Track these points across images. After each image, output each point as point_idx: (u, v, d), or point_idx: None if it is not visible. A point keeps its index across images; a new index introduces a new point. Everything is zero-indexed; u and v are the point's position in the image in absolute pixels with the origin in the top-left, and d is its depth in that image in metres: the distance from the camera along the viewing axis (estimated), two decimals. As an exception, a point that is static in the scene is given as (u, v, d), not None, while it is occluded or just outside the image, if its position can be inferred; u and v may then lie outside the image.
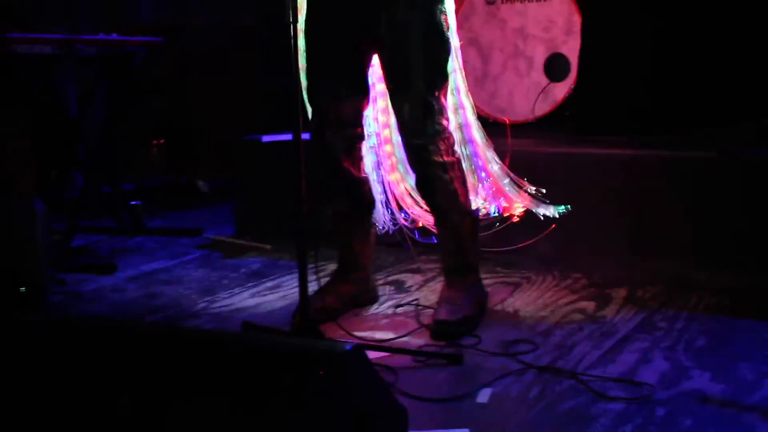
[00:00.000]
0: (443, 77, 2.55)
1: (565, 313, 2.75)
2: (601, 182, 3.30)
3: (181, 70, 5.09)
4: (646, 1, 3.89)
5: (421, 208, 2.86)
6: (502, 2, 4.25)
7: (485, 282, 2.86)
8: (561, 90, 4.14)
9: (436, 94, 2.53)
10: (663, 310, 2.73)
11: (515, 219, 2.83)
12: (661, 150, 3.34)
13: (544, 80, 4.18)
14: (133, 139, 4.99)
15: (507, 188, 2.78)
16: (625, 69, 3.85)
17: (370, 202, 2.80)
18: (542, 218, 2.86)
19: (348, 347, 1.45)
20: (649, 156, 3.30)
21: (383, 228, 2.89)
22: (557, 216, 2.85)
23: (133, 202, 4.15)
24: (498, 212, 2.80)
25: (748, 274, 2.93)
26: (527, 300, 2.91)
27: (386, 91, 2.62)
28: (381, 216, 2.87)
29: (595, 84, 3.92)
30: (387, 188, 2.87)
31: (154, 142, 5.10)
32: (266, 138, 4.10)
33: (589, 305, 2.82)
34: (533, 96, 4.17)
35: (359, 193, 2.75)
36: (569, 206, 2.84)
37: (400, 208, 2.88)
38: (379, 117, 2.76)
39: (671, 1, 3.85)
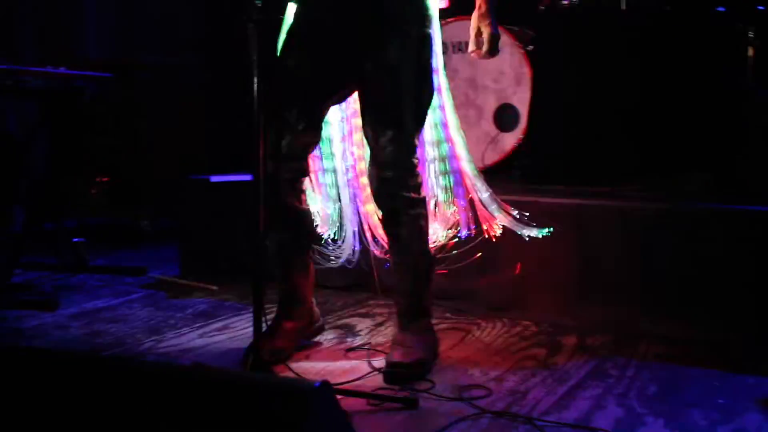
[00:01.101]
0: (421, 118, 2.59)
1: (517, 359, 2.76)
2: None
3: (127, 108, 5.03)
4: (594, 54, 4.00)
5: None
6: (454, 53, 4.31)
7: (435, 328, 2.84)
8: (510, 140, 4.20)
9: (412, 132, 2.55)
10: (613, 357, 2.76)
11: (494, 238, 2.85)
12: (607, 200, 3.41)
13: (493, 130, 4.24)
14: (77, 176, 4.90)
15: (490, 207, 2.81)
16: (573, 120, 3.94)
17: (312, 234, 2.80)
18: (526, 239, 2.88)
19: (316, 384, 1.43)
20: (596, 205, 3.36)
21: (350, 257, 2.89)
22: (540, 237, 2.87)
23: (76, 239, 4.05)
24: (469, 235, 2.83)
25: (693, 325, 2.98)
26: (478, 346, 2.91)
27: (361, 124, 2.64)
28: (351, 246, 2.89)
29: (544, 134, 4.01)
30: (362, 219, 2.89)
31: (98, 179, 5.01)
32: (214, 178, 4.06)
33: (540, 352, 2.83)
34: (483, 145, 4.22)
35: (301, 225, 2.75)
36: (552, 228, 2.87)
37: (374, 238, 2.88)
38: (355, 150, 2.78)
39: (618, 55, 3.97)
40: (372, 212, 2.86)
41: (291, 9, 2.66)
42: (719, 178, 3.71)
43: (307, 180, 2.74)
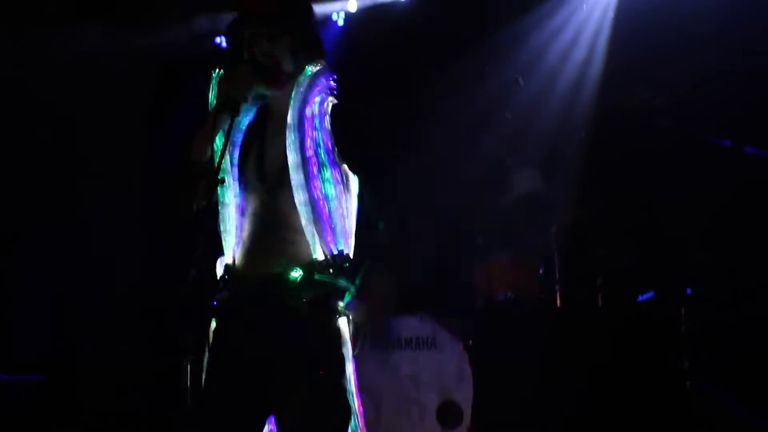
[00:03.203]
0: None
1: None
2: None
3: (65, 405, 4.92)
4: (532, 347, 4.03)
5: None
6: (394, 349, 4.30)
7: None
8: (455, 438, 4.11)
9: None
10: None
11: None
12: None
13: (437, 428, 4.15)
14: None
15: None
16: (517, 414, 3.90)
17: None
18: None
19: None
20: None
21: None
22: None
23: None
24: None
25: None
26: None
27: None
28: None
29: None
30: None
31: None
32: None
33: None
34: (427, 445, 4.12)
35: None
36: None
37: None
38: None
39: (556, 348, 4.01)
40: None
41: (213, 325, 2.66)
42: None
43: None
